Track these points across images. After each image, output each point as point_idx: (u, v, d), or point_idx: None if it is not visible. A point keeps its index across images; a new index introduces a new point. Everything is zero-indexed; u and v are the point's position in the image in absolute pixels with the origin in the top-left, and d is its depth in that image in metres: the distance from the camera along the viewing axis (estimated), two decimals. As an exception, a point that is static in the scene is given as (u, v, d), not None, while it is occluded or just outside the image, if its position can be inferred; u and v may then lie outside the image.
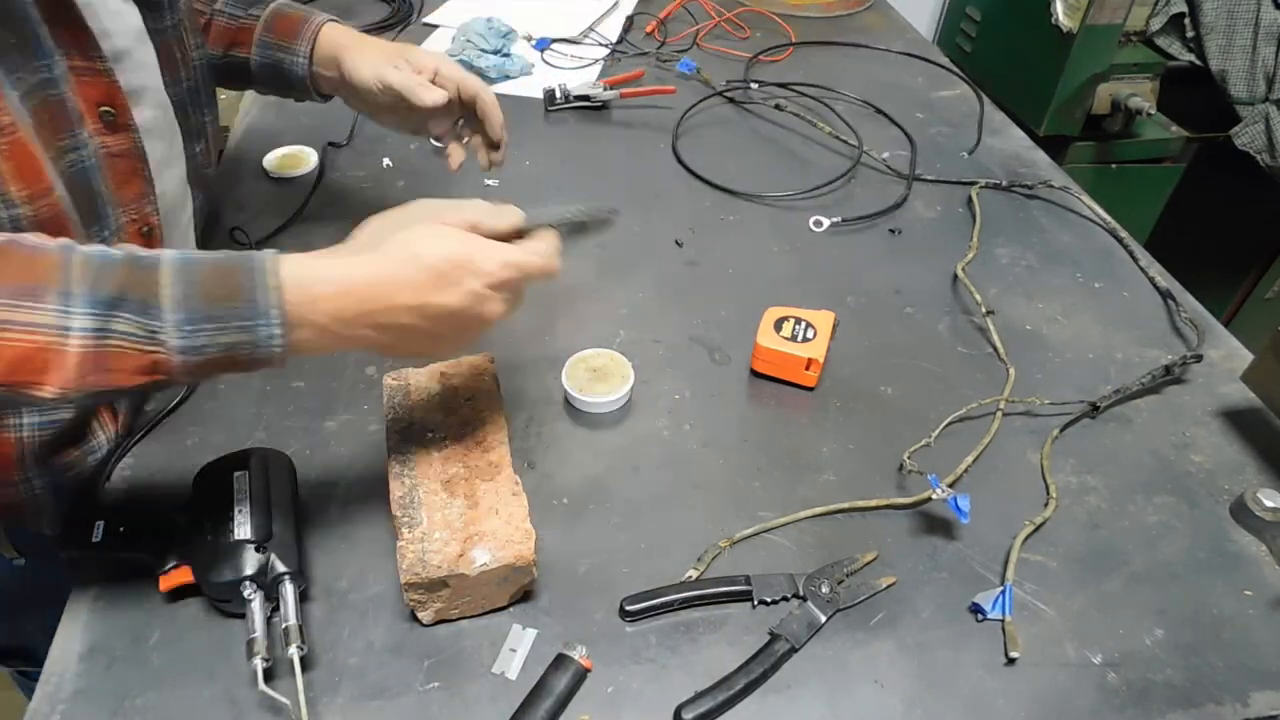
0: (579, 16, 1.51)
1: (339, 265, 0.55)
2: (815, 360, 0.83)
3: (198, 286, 0.51)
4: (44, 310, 0.47)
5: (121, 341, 0.49)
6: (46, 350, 0.47)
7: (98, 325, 0.48)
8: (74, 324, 0.47)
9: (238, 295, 0.51)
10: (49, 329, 0.47)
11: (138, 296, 0.49)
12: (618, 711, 0.60)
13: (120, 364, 0.49)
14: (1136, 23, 1.69)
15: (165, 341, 0.49)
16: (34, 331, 0.47)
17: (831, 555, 0.70)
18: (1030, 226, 1.09)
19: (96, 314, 0.48)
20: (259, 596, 0.61)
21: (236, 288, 0.51)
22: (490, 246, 0.58)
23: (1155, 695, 0.62)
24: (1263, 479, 0.78)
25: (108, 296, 0.48)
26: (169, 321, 0.49)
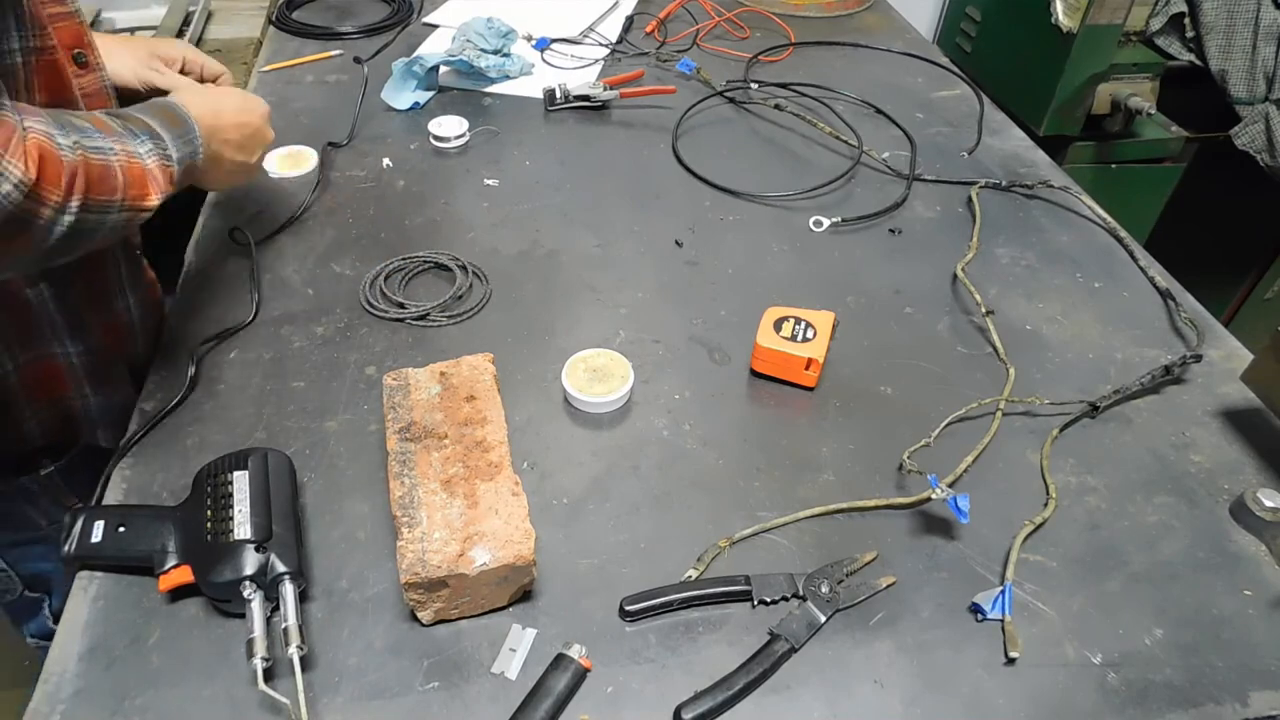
0: (579, 16, 1.51)
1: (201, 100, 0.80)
2: (815, 360, 0.83)
3: (164, 120, 0.72)
4: (128, 142, 0.66)
5: (160, 159, 0.68)
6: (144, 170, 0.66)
7: (151, 148, 0.68)
8: (141, 149, 0.67)
9: (180, 120, 0.74)
10: (136, 155, 0.66)
11: (153, 130, 0.69)
12: (617, 711, 0.60)
13: (164, 175, 0.68)
14: (1136, 23, 1.69)
15: (171, 155, 0.70)
16: (135, 158, 0.66)
17: (831, 555, 0.70)
18: (1030, 226, 1.09)
19: (146, 140, 0.68)
20: (259, 596, 0.61)
21: (177, 117, 0.74)
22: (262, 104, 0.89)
23: (1155, 695, 0.62)
24: (1263, 479, 0.78)
25: (143, 131, 0.68)
26: (168, 141, 0.70)
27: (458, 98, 1.30)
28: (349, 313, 0.91)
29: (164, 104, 0.74)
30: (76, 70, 0.74)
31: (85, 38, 0.75)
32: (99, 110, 0.68)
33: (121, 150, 0.64)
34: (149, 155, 0.67)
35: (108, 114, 0.67)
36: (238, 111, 0.84)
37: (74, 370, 0.83)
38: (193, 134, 0.74)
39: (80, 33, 0.74)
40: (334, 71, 1.35)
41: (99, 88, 0.78)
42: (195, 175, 0.77)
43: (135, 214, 0.66)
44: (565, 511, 0.73)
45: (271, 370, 0.84)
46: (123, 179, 0.63)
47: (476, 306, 0.92)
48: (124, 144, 0.65)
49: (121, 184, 0.63)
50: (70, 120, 0.62)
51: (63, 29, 0.71)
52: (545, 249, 1.02)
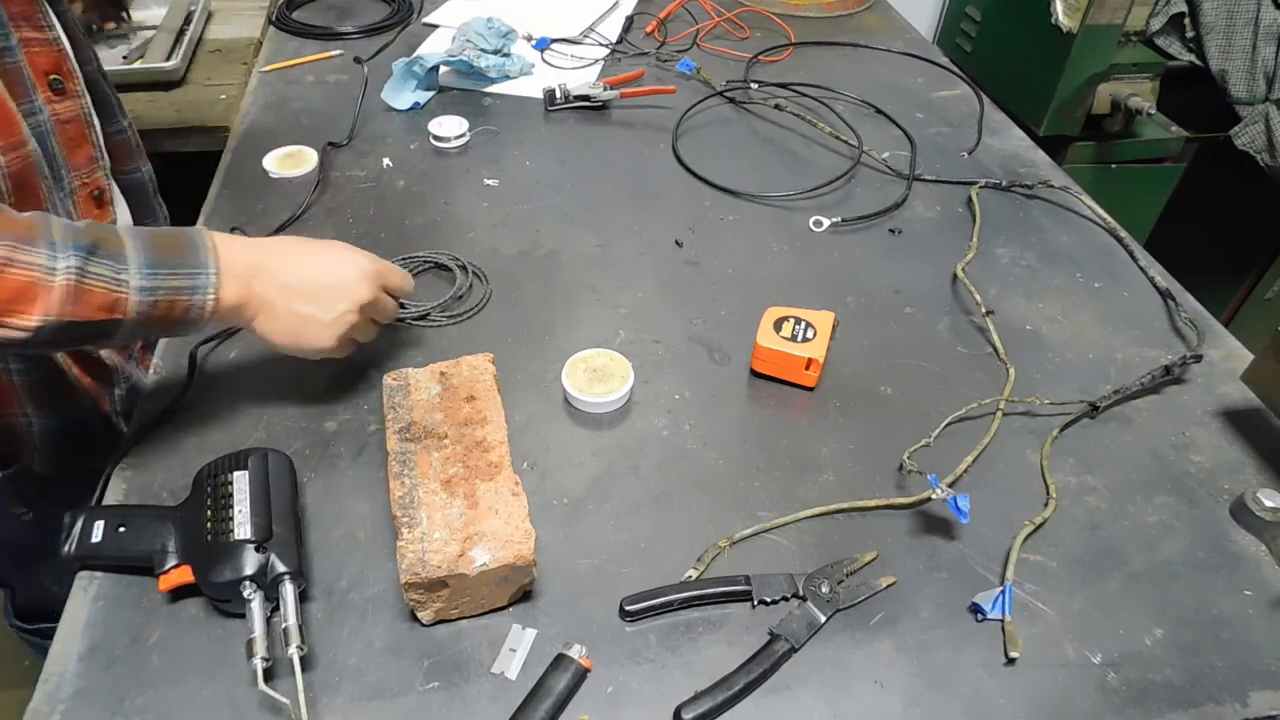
0: (579, 16, 1.51)
1: (264, 243, 0.69)
2: (815, 360, 0.83)
3: (151, 245, 0.63)
4: (38, 253, 0.57)
5: (94, 281, 0.59)
6: (36, 285, 0.57)
7: (79, 265, 0.58)
8: (59, 264, 0.58)
9: (183, 250, 0.64)
10: (41, 268, 0.57)
11: (108, 247, 0.60)
12: (618, 711, 0.60)
13: (91, 300, 0.59)
14: (1136, 23, 1.69)
15: (128, 282, 0.60)
16: (30, 269, 0.57)
17: (831, 555, 0.70)
18: (1030, 226, 1.09)
19: (78, 256, 0.58)
20: (259, 596, 0.61)
21: (181, 245, 0.64)
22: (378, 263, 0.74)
23: (1155, 695, 0.62)
24: (1263, 479, 0.78)
25: (86, 244, 0.59)
26: (132, 265, 0.61)
27: (458, 98, 1.30)
28: (349, 313, 0.91)
29: (179, 230, 0.66)
30: (51, 96, 0.73)
31: (65, 65, 0.74)
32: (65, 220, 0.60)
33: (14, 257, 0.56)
34: (65, 273, 0.58)
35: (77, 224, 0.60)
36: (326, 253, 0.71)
37: (14, 387, 0.80)
38: (200, 270, 0.64)
39: (58, 60, 0.73)
40: (334, 71, 1.35)
41: (76, 115, 0.76)
42: (201, 317, 0.65)
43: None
44: (565, 511, 0.73)
45: (271, 370, 0.84)
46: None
47: (476, 306, 0.92)
48: (14, 250, 0.56)
49: None
50: None
51: (37, 54, 0.71)
52: (545, 249, 1.02)
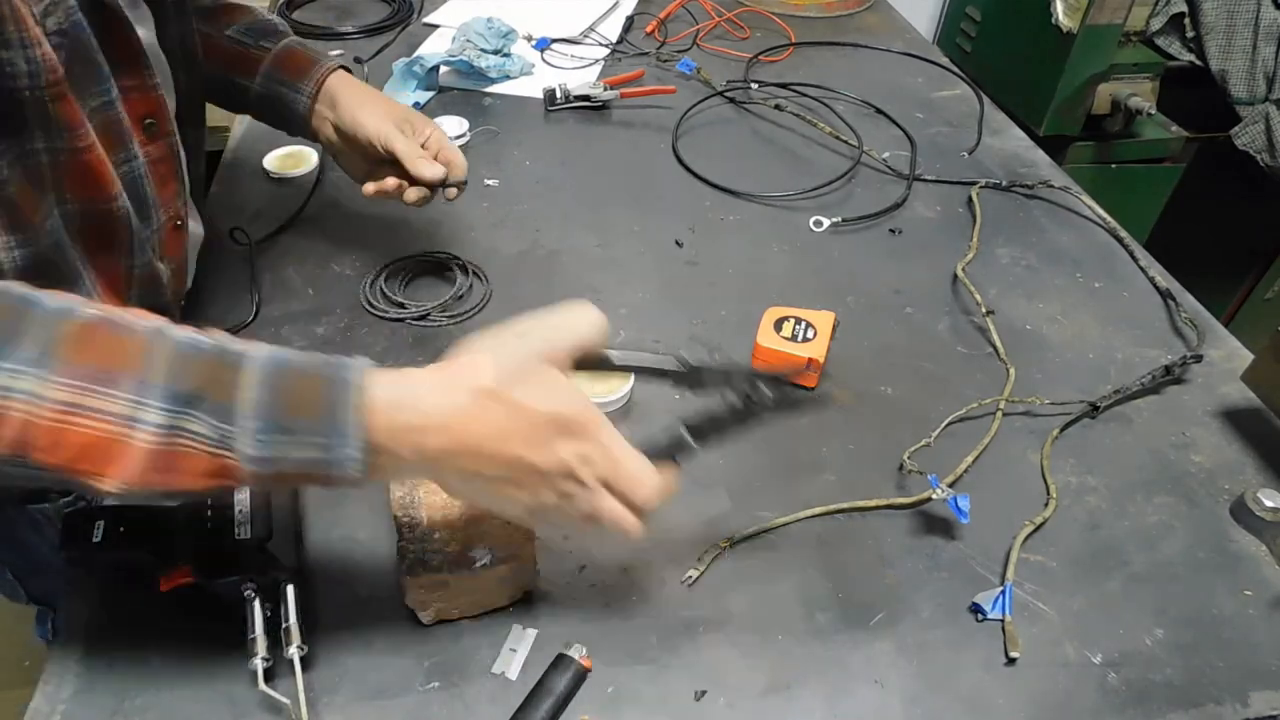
0: (579, 16, 1.51)
1: (433, 398, 0.49)
2: (815, 360, 0.83)
3: (282, 394, 0.46)
4: (116, 398, 0.44)
5: (191, 441, 0.45)
6: (113, 441, 0.44)
7: (170, 421, 0.44)
8: (146, 416, 0.44)
9: (318, 409, 0.46)
10: (118, 419, 0.44)
11: (217, 397, 0.45)
12: (618, 711, 0.60)
13: (187, 465, 0.45)
14: (1136, 23, 1.69)
15: (237, 448, 0.45)
16: (105, 419, 0.44)
17: (832, 555, 0.70)
18: (1030, 226, 1.09)
19: (170, 410, 0.44)
20: (259, 596, 0.61)
21: (318, 400, 0.46)
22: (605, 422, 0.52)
23: (1155, 695, 0.62)
24: (1263, 479, 0.78)
25: (186, 392, 0.45)
26: (244, 428, 0.45)
27: (458, 98, 1.30)
28: (349, 313, 0.91)
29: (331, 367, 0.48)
30: (143, 139, 0.70)
31: (161, 109, 0.71)
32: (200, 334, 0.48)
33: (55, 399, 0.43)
34: (151, 430, 0.44)
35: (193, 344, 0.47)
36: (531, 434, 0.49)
37: None
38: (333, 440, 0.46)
39: (155, 102, 0.70)
40: (334, 71, 1.35)
41: (166, 153, 0.73)
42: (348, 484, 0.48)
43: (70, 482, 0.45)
44: (565, 511, 0.73)
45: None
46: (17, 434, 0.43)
47: (476, 306, 0.92)
48: (82, 395, 0.43)
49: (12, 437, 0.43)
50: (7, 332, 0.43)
51: (135, 100, 0.68)
52: (545, 249, 1.02)
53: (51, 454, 0.44)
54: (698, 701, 0.61)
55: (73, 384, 0.43)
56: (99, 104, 0.64)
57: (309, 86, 0.87)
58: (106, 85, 0.64)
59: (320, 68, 0.88)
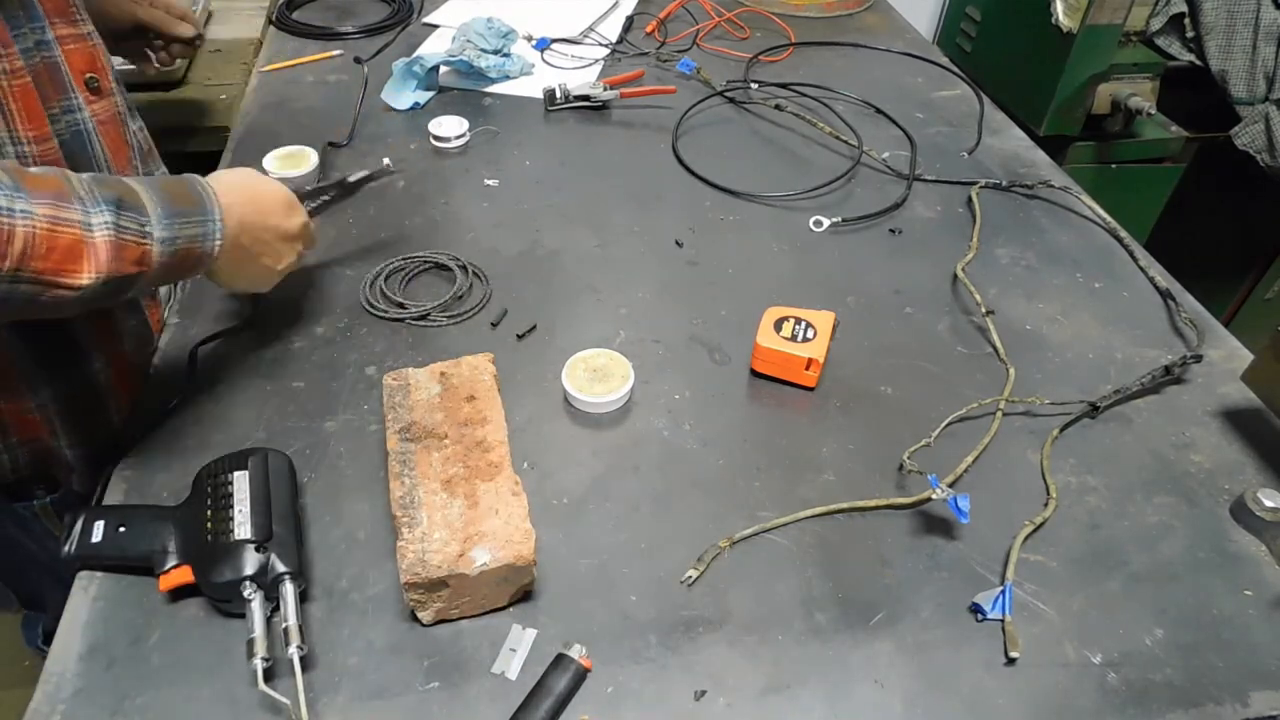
0: (579, 16, 1.51)
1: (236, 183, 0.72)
2: (815, 360, 0.83)
3: (164, 195, 0.64)
4: (75, 209, 0.57)
5: (125, 235, 0.60)
6: (81, 242, 0.57)
7: (112, 220, 0.59)
8: (96, 219, 0.58)
9: (192, 199, 0.66)
10: (80, 224, 0.57)
11: (130, 200, 0.61)
12: (618, 711, 0.60)
13: (126, 254, 0.60)
14: (1136, 23, 1.69)
15: (152, 234, 0.61)
16: (74, 226, 0.57)
17: (832, 555, 0.70)
18: (1030, 226, 1.09)
19: (109, 210, 0.59)
20: (259, 596, 0.61)
21: (190, 194, 0.66)
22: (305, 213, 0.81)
23: (1155, 695, 0.62)
24: (1263, 479, 0.78)
25: (112, 200, 0.59)
26: (154, 216, 0.62)
27: (458, 98, 1.30)
28: (349, 313, 0.91)
29: (180, 178, 0.68)
30: (89, 96, 0.70)
31: (99, 61, 0.71)
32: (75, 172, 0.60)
33: (44, 214, 0.55)
34: (102, 229, 0.58)
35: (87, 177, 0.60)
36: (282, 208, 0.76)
37: (49, 419, 0.78)
38: (207, 217, 0.67)
39: (94, 56, 0.71)
40: (334, 71, 1.35)
41: (113, 114, 0.74)
42: (204, 263, 0.68)
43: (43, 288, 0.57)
44: (565, 511, 0.73)
45: (271, 370, 0.84)
46: (23, 246, 0.54)
47: (476, 306, 0.92)
48: (57, 209, 0.56)
49: (19, 250, 0.54)
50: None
51: (73, 51, 0.68)
52: (545, 249, 1.02)
53: (47, 259, 0.55)
54: (697, 701, 0.61)
55: (47, 201, 0.56)
56: (35, 41, 0.65)
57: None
58: (41, 24, 0.65)
59: None
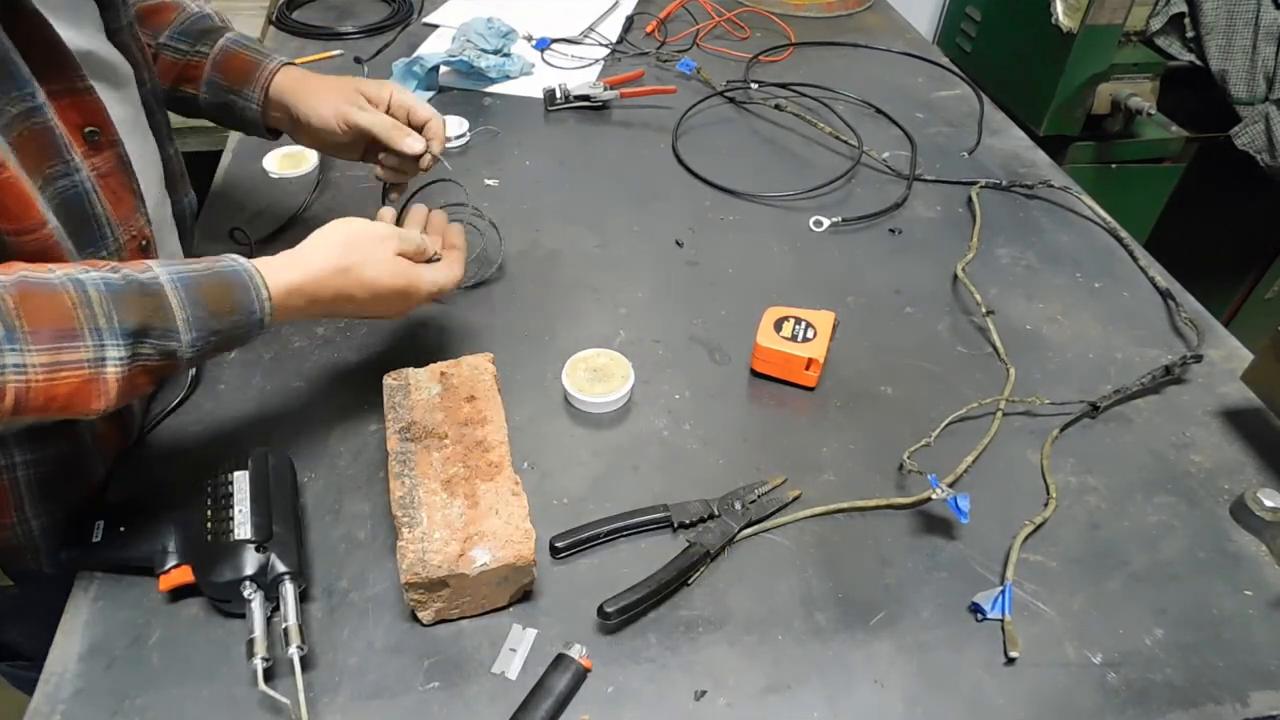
0: (579, 16, 1.51)
1: (308, 283, 0.65)
2: (815, 360, 0.83)
3: (204, 307, 0.58)
4: (82, 348, 0.53)
5: (146, 363, 0.56)
6: (91, 381, 0.53)
7: (129, 354, 0.55)
8: (109, 354, 0.54)
9: (239, 310, 0.60)
10: (89, 363, 0.53)
11: (158, 323, 0.56)
12: (618, 711, 0.60)
13: (145, 380, 0.57)
14: (1136, 23, 1.69)
15: (179, 352, 0.57)
16: (81, 368, 0.52)
17: (832, 555, 0.70)
18: (1030, 226, 1.09)
19: (125, 344, 0.54)
20: (259, 596, 0.61)
21: (237, 305, 0.60)
22: (424, 280, 0.72)
23: (1155, 695, 0.62)
24: (1263, 479, 0.78)
25: (132, 328, 0.55)
26: (184, 341, 0.57)
27: (458, 98, 1.30)
28: (349, 313, 0.91)
29: (228, 275, 0.60)
30: (86, 150, 0.64)
31: (100, 115, 0.65)
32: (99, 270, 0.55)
33: (41, 363, 0.51)
34: (116, 364, 0.54)
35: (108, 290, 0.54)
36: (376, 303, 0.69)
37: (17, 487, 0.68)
38: (250, 320, 0.61)
39: (93, 109, 0.65)
40: (334, 71, 1.34)
41: (113, 165, 0.68)
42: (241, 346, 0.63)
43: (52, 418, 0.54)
44: (565, 511, 0.73)
45: (271, 370, 0.84)
46: (14, 402, 0.50)
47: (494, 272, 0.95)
48: (58, 353, 0.51)
49: (9, 405, 0.50)
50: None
51: (68, 107, 0.63)
52: (545, 249, 1.02)
53: (45, 409, 0.52)
54: (698, 701, 0.61)
55: (47, 347, 0.51)
56: (22, 110, 0.58)
57: (255, 93, 0.85)
58: (29, 90, 0.58)
59: (263, 70, 0.85)
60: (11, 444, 0.66)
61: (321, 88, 0.85)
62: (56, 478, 0.69)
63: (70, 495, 0.71)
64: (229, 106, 0.86)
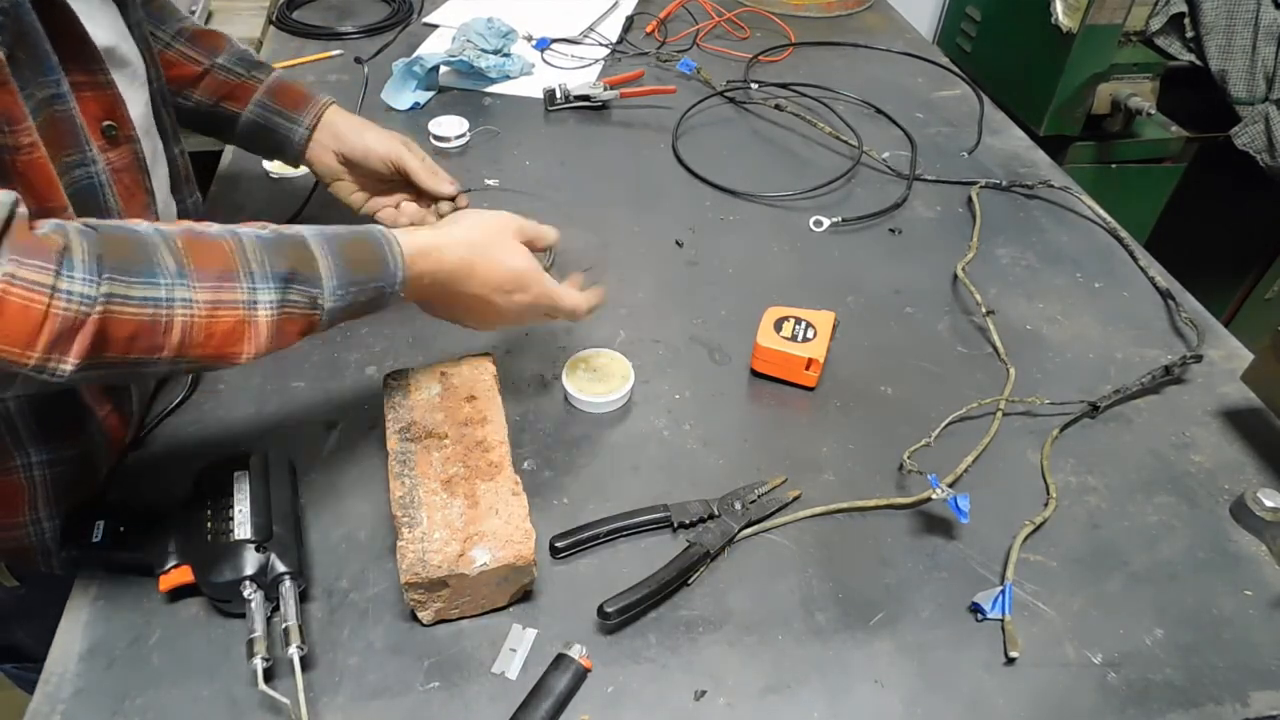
0: (579, 16, 1.51)
1: (442, 248, 0.66)
2: (815, 360, 0.83)
3: (343, 258, 0.60)
4: (240, 289, 0.55)
5: (292, 309, 0.57)
6: (244, 323, 0.55)
7: (279, 299, 0.56)
8: (261, 298, 0.56)
9: (376, 263, 0.62)
10: (244, 304, 0.55)
11: (304, 271, 0.58)
12: (618, 711, 0.60)
13: (291, 328, 0.58)
14: (1136, 23, 1.69)
15: (323, 306, 0.59)
16: (237, 308, 0.55)
17: (833, 555, 0.71)
18: (1030, 226, 1.09)
19: (276, 288, 0.56)
20: (259, 596, 0.61)
21: (374, 257, 0.62)
22: (545, 277, 0.72)
23: (1155, 695, 0.62)
24: (1263, 479, 0.78)
25: (283, 273, 0.57)
26: (327, 289, 0.59)
27: (458, 98, 1.30)
28: (349, 313, 0.91)
29: (365, 234, 0.62)
30: (103, 144, 0.65)
31: (119, 110, 0.67)
32: (252, 226, 0.58)
33: (205, 299, 0.53)
34: (266, 307, 0.56)
35: (262, 240, 0.57)
36: (500, 285, 0.69)
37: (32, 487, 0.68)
38: (387, 283, 0.62)
39: (112, 104, 0.66)
40: (334, 71, 1.35)
41: (130, 161, 0.69)
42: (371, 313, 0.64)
43: (204, 366, 0.57)
44: (565, 511, 0.73)
45: (271, 370, 0.84)
46: (180, 336, 0.52)
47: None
48: (219, 291, 0.54)
49: (176, 341, 0.52)
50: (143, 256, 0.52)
51: (90, 99, 0.64)
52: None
53: (205, 346, 0.54)
54: (698, 701, 0.61)
55: (209, 285, 0.54)
56: (47, 96, 0.60)
57: (307, 118, 0.89)
58: (55, 77, 0.60)
59: (317, 102, 0.90)
60: (28, 443, 0.67)
61: (374, 127, 0.91)
62: (70, 478, 0.70)
63: (80, 496, 0.71)
64: (271, 128, 0.90)
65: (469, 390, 0.74)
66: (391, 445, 0.69)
